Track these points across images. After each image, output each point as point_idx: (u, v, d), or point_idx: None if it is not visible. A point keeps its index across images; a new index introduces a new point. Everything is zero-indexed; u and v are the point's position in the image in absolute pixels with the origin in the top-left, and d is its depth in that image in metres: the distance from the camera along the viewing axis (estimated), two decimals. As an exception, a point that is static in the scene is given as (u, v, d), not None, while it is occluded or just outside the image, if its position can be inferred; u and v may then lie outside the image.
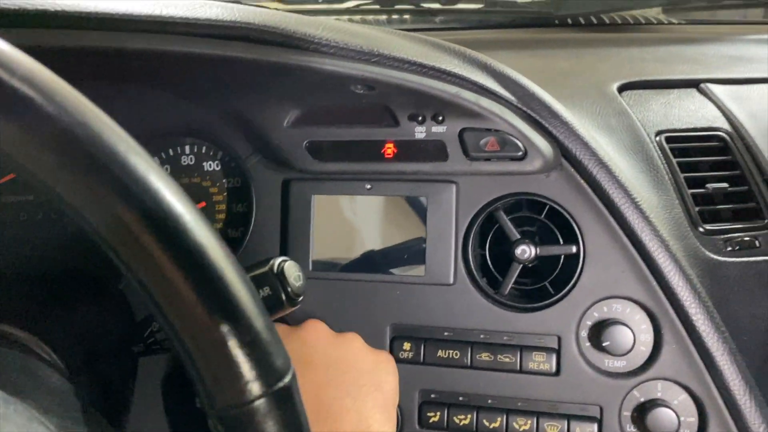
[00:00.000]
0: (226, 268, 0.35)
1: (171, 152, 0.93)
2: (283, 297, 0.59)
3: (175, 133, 0.92)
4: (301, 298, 0.61)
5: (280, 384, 0.36)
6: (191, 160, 0.94)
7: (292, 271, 0.60)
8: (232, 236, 0.93)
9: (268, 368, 0.36)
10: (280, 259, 0.61)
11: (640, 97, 0.99)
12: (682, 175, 0.86)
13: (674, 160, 0.87)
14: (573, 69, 1.08)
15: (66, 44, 0.61)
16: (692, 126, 0.92)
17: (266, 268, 0.60)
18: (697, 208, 0.84)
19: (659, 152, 0.87)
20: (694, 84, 1.02)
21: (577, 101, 0.93)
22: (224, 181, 0.93)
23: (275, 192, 0.88)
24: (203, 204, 0.93)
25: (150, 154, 0.35)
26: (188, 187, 0.93)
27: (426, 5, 1.37)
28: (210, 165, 0.93)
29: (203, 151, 0.93)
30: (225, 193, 0.93)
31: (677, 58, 1.16)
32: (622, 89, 1.00)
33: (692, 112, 0.95)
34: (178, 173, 0.93)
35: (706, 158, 0.89)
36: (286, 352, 0.38)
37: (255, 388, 0.35)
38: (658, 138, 0.90)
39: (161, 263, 0.33)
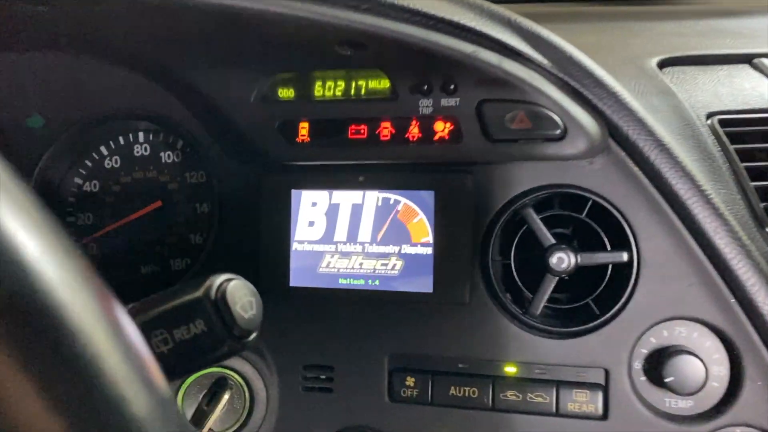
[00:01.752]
0: None
1: (122, 140, 0.87)
2: (224, 334, 0.40)
3: (126, 115, 0.84)
4: (253, 336, 0.42)
5: None
6: (146, 150, 0.87)
7: (238, 295, 0.40)
8: (195, 242, 0.85)
9: None
10: (222, 278, 0.41)
11: (683, 74, 0.95)
12: (741, 165, 0.79)
13: (731, 147, 0.81)
14: (602, 44, 1.03)
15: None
16: (748, 107, 0.86)
17: (199, 293, 0.40)
18: (762, 204, 0.76)
19: (712, 137, 0.82)
20: (746, 59, 0.96)
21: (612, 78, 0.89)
22: (185, 175, 0.86)
23: (245, 188, 0.80)
24: (159, 203, 0.86)
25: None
26: (143, 182, 0.87)
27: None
28: (168, 156, 0.87)
29: (160, 138, 0.87)
30: (186, 191, 0.85)
31: (720, 32, 1.12)
32: (662, 65, 0.95)
33: (747, 91, 0.90)
34: (130, 166, 0.87)
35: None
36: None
37: None
38: (709, 121, 0.85)
39: None
